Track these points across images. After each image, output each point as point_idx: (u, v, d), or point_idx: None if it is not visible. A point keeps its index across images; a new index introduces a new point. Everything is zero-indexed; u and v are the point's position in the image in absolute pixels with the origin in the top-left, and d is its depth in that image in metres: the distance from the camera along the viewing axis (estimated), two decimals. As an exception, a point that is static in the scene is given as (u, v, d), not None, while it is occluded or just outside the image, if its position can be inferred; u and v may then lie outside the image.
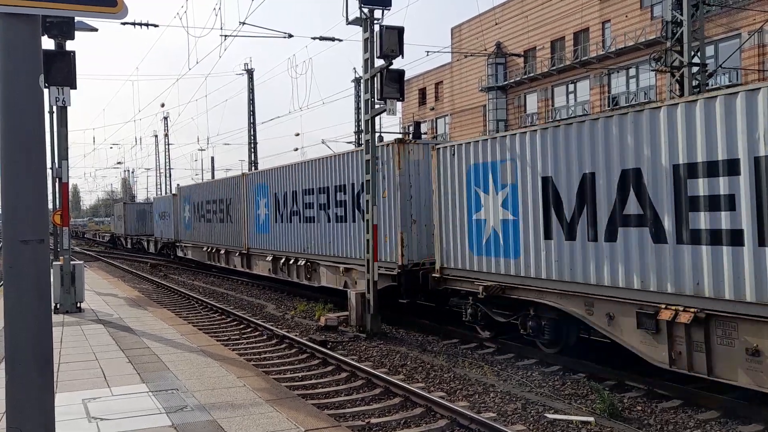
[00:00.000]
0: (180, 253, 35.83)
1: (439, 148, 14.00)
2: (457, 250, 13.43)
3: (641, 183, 9.43)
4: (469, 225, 13.03)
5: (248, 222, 24.97)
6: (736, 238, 8.19)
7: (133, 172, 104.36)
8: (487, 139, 12.68)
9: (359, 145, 40.13)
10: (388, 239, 15.64)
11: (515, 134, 11.91)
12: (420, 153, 15.54)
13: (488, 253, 12.55)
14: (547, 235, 11.16)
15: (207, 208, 30.08)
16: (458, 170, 13.33)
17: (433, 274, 14.07)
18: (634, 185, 9.55)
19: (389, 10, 14.68)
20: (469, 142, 13.10)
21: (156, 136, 75.89)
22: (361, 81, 16.31)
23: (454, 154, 13.44)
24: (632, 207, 9.60)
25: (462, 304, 13.48)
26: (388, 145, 15.80)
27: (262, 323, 15.44)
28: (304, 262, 20.14)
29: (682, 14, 19.37)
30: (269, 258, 22.81)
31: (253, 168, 49.74)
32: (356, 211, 17.00)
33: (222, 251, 28.12)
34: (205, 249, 30.41)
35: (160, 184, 77.88)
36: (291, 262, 21.09)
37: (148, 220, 48.59)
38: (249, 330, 15.31)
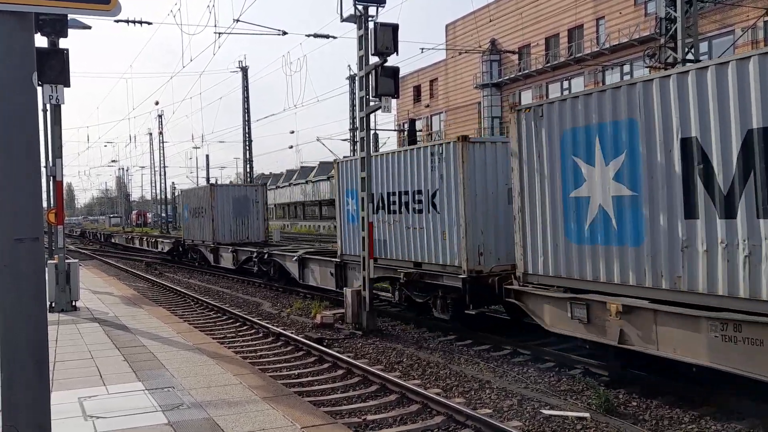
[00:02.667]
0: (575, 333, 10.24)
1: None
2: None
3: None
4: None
5: None
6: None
7: (127, 171, 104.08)
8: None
9: (354, 142, 39.97)
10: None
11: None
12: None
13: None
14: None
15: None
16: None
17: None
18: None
19: (383, 7, 14.62)
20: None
21: (150, 134, 75.77)
22: (356, 78, 16.30)
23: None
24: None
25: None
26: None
27: (258, 321, 15.44)
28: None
29: (675, 11, 19.42)
30: None
31: (247, 169, 49.21)
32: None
33: None
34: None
35: (155, 182, 77.75)
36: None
37: (254, 217, 29.36)
38: (245, 328, 15.30)
